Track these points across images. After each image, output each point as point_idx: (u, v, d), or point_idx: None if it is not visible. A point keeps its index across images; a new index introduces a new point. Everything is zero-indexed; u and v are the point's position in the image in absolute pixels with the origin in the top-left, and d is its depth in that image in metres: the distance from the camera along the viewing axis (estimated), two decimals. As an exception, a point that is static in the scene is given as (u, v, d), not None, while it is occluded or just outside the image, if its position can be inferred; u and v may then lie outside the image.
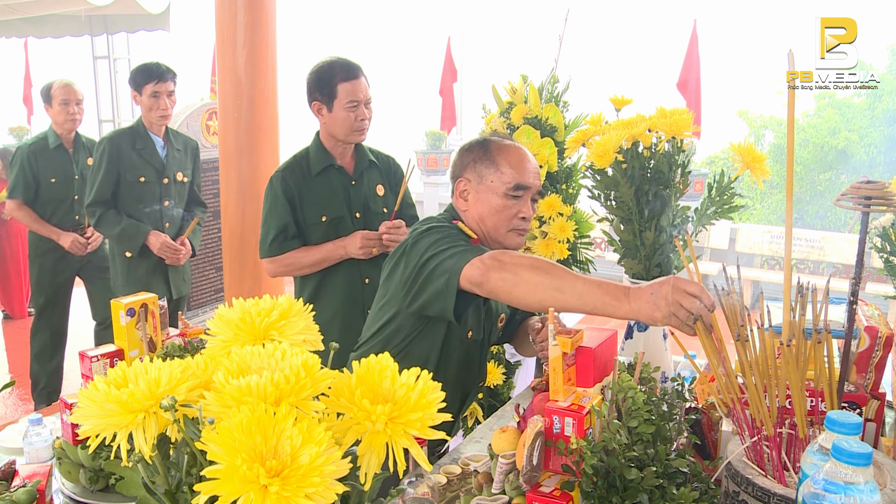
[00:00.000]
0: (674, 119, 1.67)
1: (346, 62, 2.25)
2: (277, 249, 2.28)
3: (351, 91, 2.22)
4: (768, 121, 11.86)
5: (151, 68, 3.13)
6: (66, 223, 3.73)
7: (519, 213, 1.63)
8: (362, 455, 0.74)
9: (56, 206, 3.72)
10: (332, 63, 2.25)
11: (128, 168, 3.18)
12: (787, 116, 1.21)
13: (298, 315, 0.89)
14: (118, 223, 3.18)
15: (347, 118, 2.23)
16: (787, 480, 1.05)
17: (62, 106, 3.61)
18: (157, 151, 3.25)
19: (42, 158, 3.67)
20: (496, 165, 1.63)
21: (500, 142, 1.68)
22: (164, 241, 3.22)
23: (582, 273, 1.80)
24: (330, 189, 2.30)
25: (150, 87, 3.11)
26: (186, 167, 3.39)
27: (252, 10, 3.40)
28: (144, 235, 3.20)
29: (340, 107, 2.23)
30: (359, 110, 2.24)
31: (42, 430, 1.62)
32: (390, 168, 2.47)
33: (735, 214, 1.82)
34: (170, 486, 0.75)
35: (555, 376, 1.29)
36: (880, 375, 1.44)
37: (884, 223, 1.68)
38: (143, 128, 3.23)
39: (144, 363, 0.78)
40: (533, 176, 1.65)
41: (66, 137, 3.72)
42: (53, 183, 3.68)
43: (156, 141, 3.25)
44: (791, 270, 1.15)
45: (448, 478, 1.47)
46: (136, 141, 3.20)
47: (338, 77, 2.22)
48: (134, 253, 3.22)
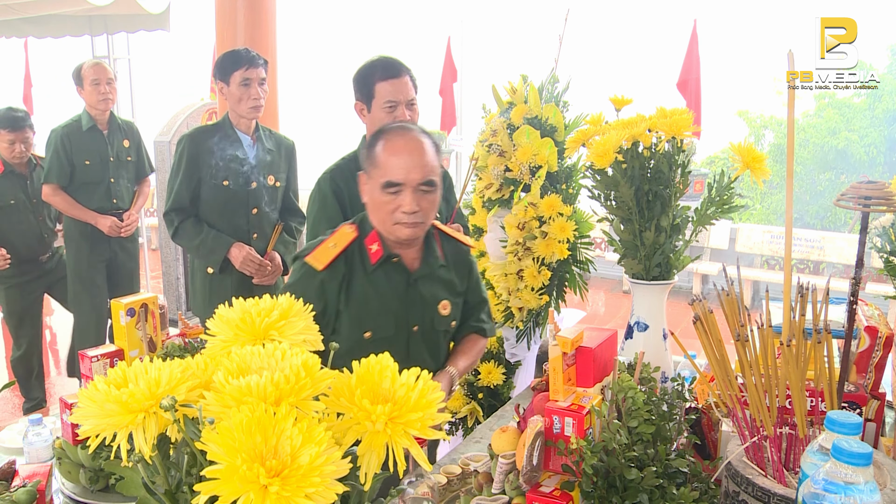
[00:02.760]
0: (674, 119, 1.67)
1: (387, 59, 2.09)
2: None
3: (390, 91, 2.05)
4: (768, 121, 11.85)
5: (240, 53, 2.72)
6: (104, 207, 3.61)
7: (399, 207, 1.57)
8: (362, 455, 0.74)
9: (91, 189, 3.60)
10: (373, 61, 2.10)
11: (210, 170, 2.75)
12: (787, 116, 1.21)
13: (298, 315, 0.89)
14: (197, 234, 2.75)
15: (385, 121, 2.01)
16: (787, 480, 1.05)
17: (93, 86, 3.50)
18: (244, 151, 2.81)
19: (76, 141, 3.54)
20: (374, 159, 1.59)
21: (388, 133, 1.61)
22: (248, 255, 2.75)
23: None
24: None
25: (240, 73, 2.67)
26: (279, 170, 2.92)
27: (252, 10, 3.40)
28: (226, 248, 2.75)
29: (378, 108, 2.07)
30: (397, 111, 2.06)
31: (42, 430, 1.62)
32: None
33: (735, 214, 1.82)
34: (170, 486, 0.75)
35: (555, 376, 1.29)
36: (880, 375, 1.44)
37: (884, 223, 1.68)
38: (230, 124, 2.80)
39: (144, 363, 0.78)
40: (408, 171, 1.55)
41: (100, 119, 3.61)
42: (88, 165, 3.55)
43: (243, 139, 2.81)
44: (791, 270, 1.15)
45: (448, 478, 1.47)
46: (220, 139, 2.78)
47: (377, 75, 2.06)
48: (215, 268, 2.79)
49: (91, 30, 6.16)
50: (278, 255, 2.88)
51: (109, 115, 3.66)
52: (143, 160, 3.87)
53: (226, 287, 2.80)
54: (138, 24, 5.91)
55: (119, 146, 3.68)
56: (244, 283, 2.79)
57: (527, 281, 2.52)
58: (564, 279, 2.60)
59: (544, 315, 2.62)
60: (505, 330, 2.68)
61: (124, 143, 3.70)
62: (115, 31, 6.14)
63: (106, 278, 3.81)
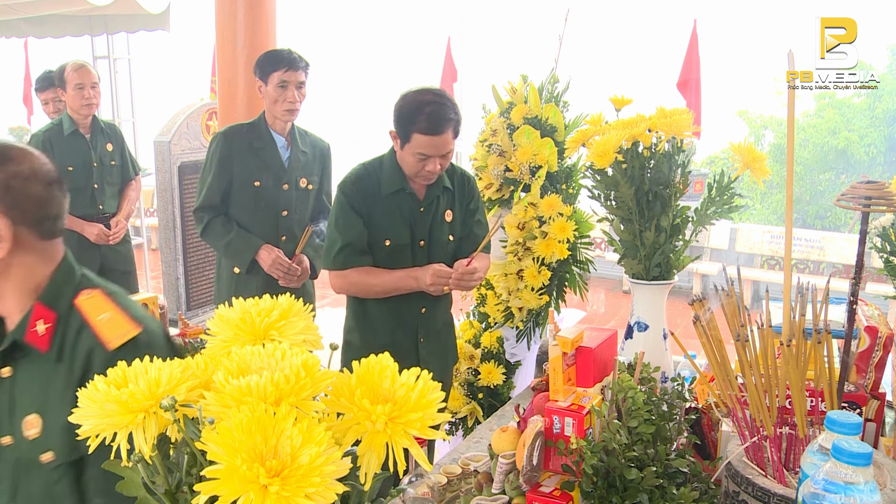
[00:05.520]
0: (674, 119, 1.67)
1: (434, 108, 1.91)
2: (342, 263, 2.05)
3: (426, 146, 1.94)
4: (768, 121, 11.86)
5: (282, 54, 2.65)
6: (89, 214, 3.49)
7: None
8: (362, 455, 0.74)
9: (75, 196, 3.36)
10: (420, 104, 1.93)
11: (242, 170, 2.69)
12: (787, 116, 1.21)
13: (298, 315, 0.89)
14: (226, 234, 2.70)
15: (414, 167, 1.99)
16: (787, 480, 1.05)
17: (77, 91, 3.37)
18: (277, 152, 2.74)
19: (58, 146, 3.40)
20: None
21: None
22: (277, 258, 2.69)
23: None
24: (398, 213, 2.07)
25: (278, 74, 2.61)
26: (312, 173, 2.85)
27: (252, 10, 3.40)
28: (255, 250, 2.69)
29: (410, 154, 1.97)
30: (429, 163, 1.97)
31: (42, 430, 1.62)
32: (464, 189, 2.19)
33: (735, 214, 1.82)
34: (170, 486, 0.75)
35: (555, 376, 1.30)
36: (880, 375, 1.44)
37: (884, 223, 1.68)
38: (265, 124, 2.74)
39: (144, 363, 0.78)
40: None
41: (83, 123, 3.48)
42: (71, 171, 3.41)
43: (277, 140, 2.75)
44: (791, 270, 1.15)
45: (448, 478, 1.47)
46: (254, 139, 2.71)
47: (418, 126, 1.92)
48: (242, 269, 2.74)
49: (91, 30, 6.16)
50: (307, 259, 2.84)
51: (92, 119, 3.54)
52: (128, 163, 3.75)
53: (252, 287, 2.74)
54: (138, 24, 5.91)
55: (102, 150, 3.56)
56: (270, 283, 2.74)
57: (527, 281, 2.52)
58: (564, 279, 2.60)
59: (544, 315, 2.62)
60: (505, 330, 2.68)
61: (107, 146, 3.58)
62: (115, 31, 6.14)
63: None
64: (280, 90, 2.63)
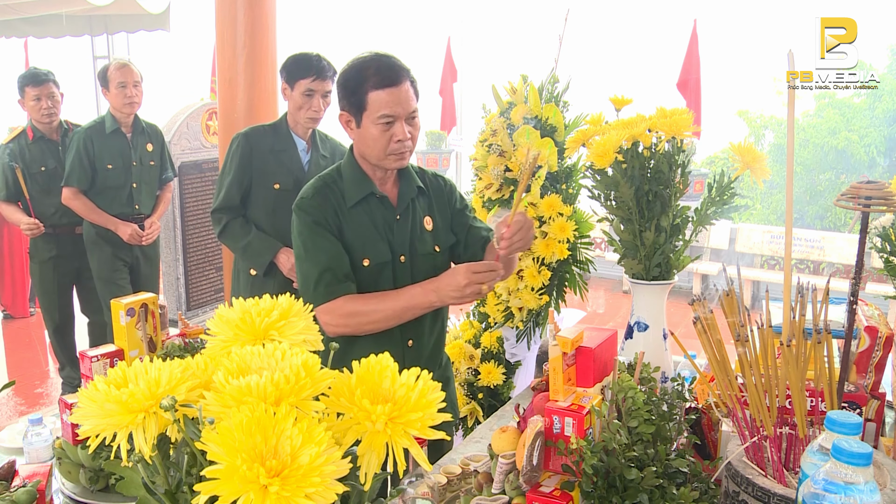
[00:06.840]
0: (674, 119, 1.67)
1: (382, 60, 1.69)
2: (325, 294, 1.69)
3: (386, 103, 1.66)
4: (768, 121, 11.86)
5: (311, 62, 2.58)
6: (125, 213, 3.53)
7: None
8: (362, 455, 0.74)
9: (113, 194, 3.50)
10: (364, 61, 1.69)
11: (262, 172, 2.67)
12: (787, 116, 1.21)
13: (298, 315, 0.89)
14: (245, 235, 2.68)
15: (379, 139, 1.69)
16: (787, 480, 1.05)
17: (119, 89, 3.42)
18: (298, 156, 2.72)
19: (98, 143, 3.45)
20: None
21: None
22: None
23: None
24: (371, 225, 1.77)
25: (305, 83, 2.59)
26: None
27: (252, 10, 3.40)
28: (273, 253, 2.66)
29: (371, 122, 1.68)
30: (395, 128, 1.68)
31: (42, 430, 1.63)
32: (442, 191, 1.92)
33: (735, 214, 1.83)
34: (170, 486, 0.75)
35: (555, 376, 1.30)
36: (880, 375, 1.44)
37: (884, 223, 1.68)
38: (286, 126, 2.72)
39: (144, 363, 0.78)
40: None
41: (125, 121, 3.53)
42: (110, 170, 3.47)
43: (298, 143, 2.73)
44: (791, 270, 1.15)
45: (448, 478, 1.47)
46: (275, 141, 2.70)
47: (370, 82, 1.66)
48: (259, 271, 2.71)
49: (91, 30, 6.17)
50: None
51: (133, 118, 3.57)
52: (167, 164, 3.79)
53: (269, 289, 2.63)
54: (138, 24, 5.92)
55: (142, 150, 3.59)
56: (287, 285, 2.71)
57: (527, 281, 2.52)
58: (564, 279, 2.60)
59: (544, 315, 2.62)
60: (505, 330, 2.68)
61: (147, 146, 3.60)
62: (115, 31, 6.15)
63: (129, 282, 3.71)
64: (305, 98, 2.62)
